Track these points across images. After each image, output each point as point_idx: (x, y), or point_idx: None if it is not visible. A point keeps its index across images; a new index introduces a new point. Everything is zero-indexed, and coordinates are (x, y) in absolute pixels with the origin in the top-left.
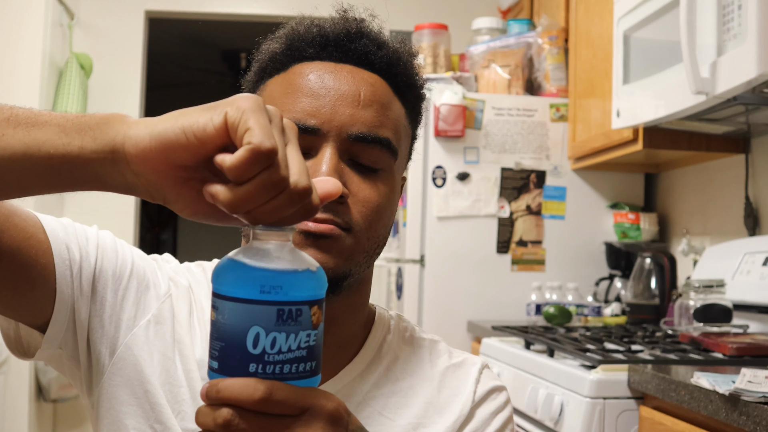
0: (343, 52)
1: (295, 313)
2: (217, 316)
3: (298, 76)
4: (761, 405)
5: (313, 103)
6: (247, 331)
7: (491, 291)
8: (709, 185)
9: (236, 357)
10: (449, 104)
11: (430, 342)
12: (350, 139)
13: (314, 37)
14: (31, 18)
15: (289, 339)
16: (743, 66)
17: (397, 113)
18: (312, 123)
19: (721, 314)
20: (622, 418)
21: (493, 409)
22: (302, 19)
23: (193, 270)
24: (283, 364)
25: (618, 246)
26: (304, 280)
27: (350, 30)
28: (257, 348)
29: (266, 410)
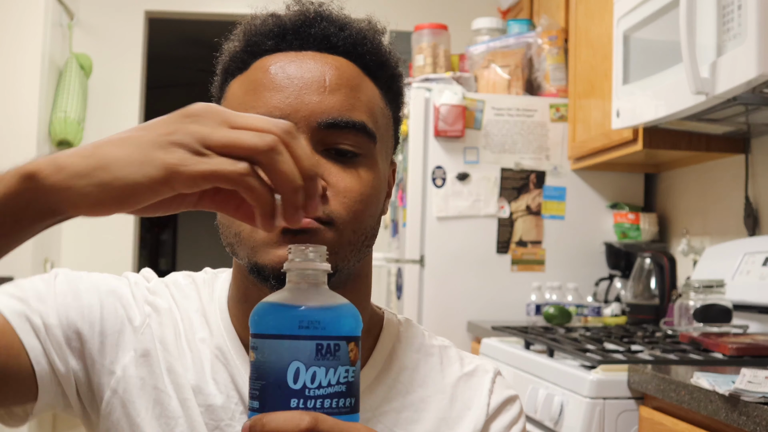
0: (302, 38)
1: (333, 348)
2: (256, 355)
3: (259, 71)
4: (761, 405)
5: (276, 96)
6: (287, 366)
7: (491, 291)
8: (709, 185)
9: (277, 393)
10: (449, 104)
11: (440, 349)
12: (321, 127)
13: (271, 28)
14: (31, 18)
15: (329, 374)
16: (743, 66)
17: (370, 94)
18: (278, 115)
19: (720, 314)
20: (621, 418)
21: (507, 423)
22: (258, 12)
23: (180, 283)
24: (323, 399)
25: (618, 246)
26: (341, 317)
27: (308, 15)
28: (298, 383)
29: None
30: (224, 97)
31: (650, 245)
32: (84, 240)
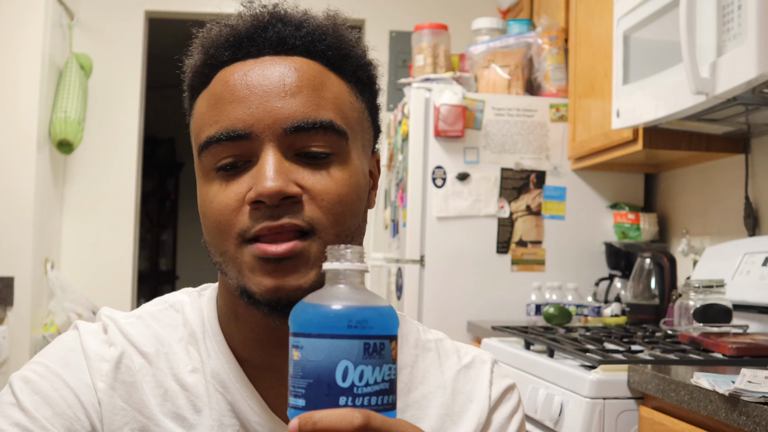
0: (258, 44)
1: (379, 346)
2: (301, 355)
3: (219, 84)
4: (761, 405)
5: (238, 108)
6: (336, 365)
7: (491, 291)
8: (709, 185)
9: (325, 392)
10: (449, 104)
11: (435, 342)
12: (287, 133)
13: (227, 38)
14: (31, 18)
15: (375, 372)
16: (743, 66)
17: (335, 91)
18: (241, 127)
19: (720, 314)
20: (621, 418)
21: (509, 412)
22: (213, 23)
23: (155, 314)
24: (370, 396)
25: (618, 246)
26: (385, 316)
27: (261, 19)
28: (346, 381)
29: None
30: (192, 115)
31: (650, 245)
32: (84, 240)
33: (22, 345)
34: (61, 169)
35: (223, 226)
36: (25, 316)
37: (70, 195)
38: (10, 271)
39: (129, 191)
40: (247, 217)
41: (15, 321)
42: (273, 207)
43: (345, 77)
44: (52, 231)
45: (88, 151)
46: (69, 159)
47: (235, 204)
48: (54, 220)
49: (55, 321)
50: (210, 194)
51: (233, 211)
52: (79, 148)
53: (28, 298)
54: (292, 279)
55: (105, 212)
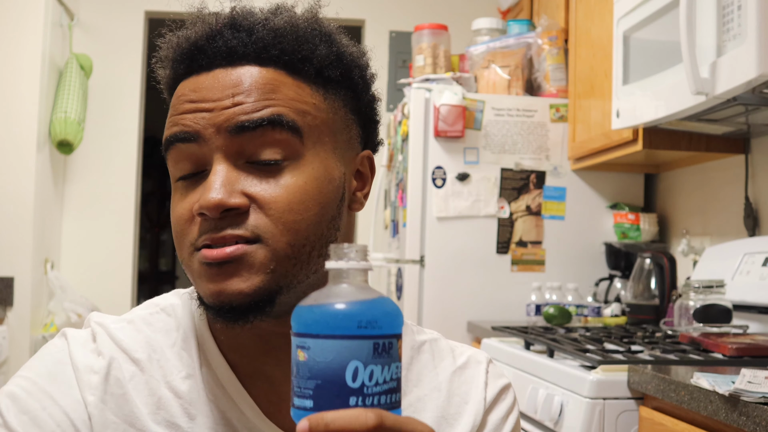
0: (209, 56)
1: (387, 345)
2: (308, 355)
3: (175, 98)
4: (761, 405)
5: (187, 117)
6: (345, 366)
7: (491, 291)
8: (709, 186)
9: (335, 392)
10: (449, 104)
11: (430, 343)
12: (233, 134)
13: (183, 51)
14: (31, 18)
15: (384, 371)
16: (743, 66)
17: (291, 94)
18: (189, 131)
19: (720, 315)
20: (621, 418)
21: (504, 412)
22: (171, 33)
23: (146, 318)
24: (380, 396)
25: (618, 246)
26: (393, 315)
27: (213, 28)
28: (356, 382)
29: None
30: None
31: (650, 245)
32: (84, 240)
33: (22, 345)
34: (61, 169)
35: (179, 235)
36: (25, 316)
37: (70, 195)
38: (10, 271)
39: (129, 191)
40: (197, 228)
41: (15, 321)
42: (217, 219)
43: (306, 79)
44: (52, 231)
45: (88, 151)
46: (69, 159)
47: (188, 215)
48: (54, 220)
49: (55, 321)
50: (173, 203)
51: (186, 222)
52: (79, 148)
53: (28, 298)
54: (233, 283)
55: (105, 212)
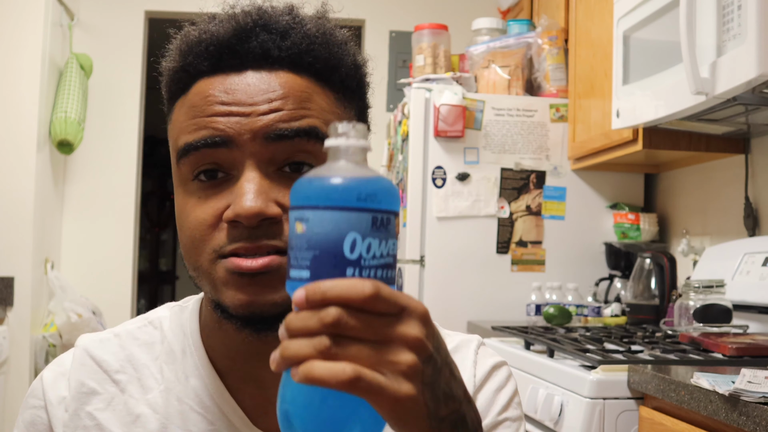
0: (240, 57)
1: (385, 220)
2: (307, 227)
3: (198, 96)
4: (761, 405)
5: (219, 120)
6: (344, 237)
7: (491, 291)
8: (709, 185)
9: (332, 263)
10: (449, 104)
11: None
12: (268, 142)
13: (206, 47)
14: (31, 18)
15: (381, 245)
16: (743, 66)
17: (322, 104)
18: (221, 135)
19: (720, 314)
20: (621, 418)
21: (494, 388)
22: (192, 25)
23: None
24: (376, 269)
25: (618, 246)
26: (391, 192)
27: (245, 27)
28: (354, 253)
29: (373, 307)
30: (170, 120)
31: (650, 245)
32: (84, 240)
33: (22, 345)
34: (61, 169)
35: (197, 241)
36: (25, 317)
37: (70, 195)
38: (10, 271)
39: (129, 191)
40: (224, 235)
41: (15, 321)
42: (252, 228)
43: (333, 88)
44: (52, 231)
45: (88, 151)
46: (69, 159)
47: (212, 220)
48: (54, 220)
49: (55, 321)
50: (187, 207)
51: (209, 227)
52: (79, 148)
53: (28, 298)
54: (267, 294)
55: (105, 212)
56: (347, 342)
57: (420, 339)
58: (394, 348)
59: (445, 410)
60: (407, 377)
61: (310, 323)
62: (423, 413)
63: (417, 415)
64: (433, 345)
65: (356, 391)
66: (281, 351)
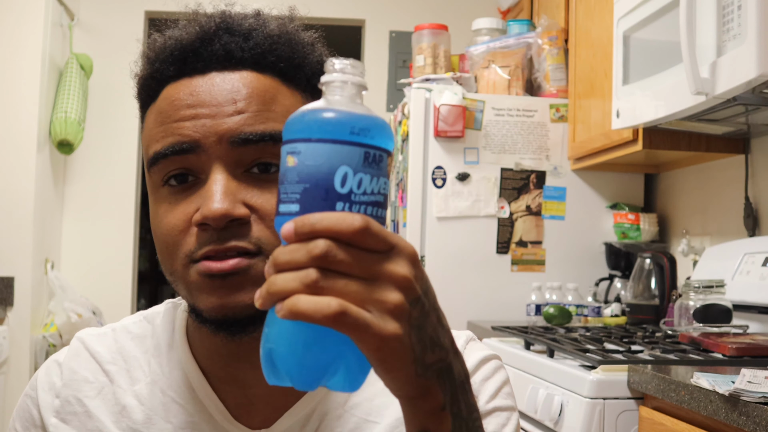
0: (204, 60)
1: (378, 157)
2: (298, 160)
3: (165, 102)
4: (761, 405)
5: (185, 125)
6: (335, 171)
7: (491, 291)
8: (709, 186)
9: (322, 196)
10: (449, 105)
11: None
12: (234, 146)
13: (171, 51)
14: (31, 18)
15: (372, 182)
16: (743, 66)
17: (287, 104)
18: (189, 141)
19: (720, 315)
20: (622, 418)
21: (481, 378)
22: (158, 33)
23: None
24: (367, 206)
25: (618, 246)
26: (385, 130)
27: (208, 30)
28: (345, 187)
29: (362, 242)
30: (143, 128)
31: (650, 245)
32: (84, 240)
33: (22, 345)
34: (61, 169)
35: (171, 246)
36: (25, 316)
37: (70, 195)
38: (10, 271)
39: (129, 191)
40: (194, 239)
41: (15, 321)
42: (220, 229)
43: (298, 88)
44: (52, 231)
45: (88, 151)
46: (69, 159)
47: (183, 225)
48: (54, 220)
49: (55, 321)
50: (159, 213)
51: (181, 232)
52: (79, 148)
53: (28, 298)
54: (237, 296)
55: (105, 212)
56: (335, 276)
57: (408, 278)
58: (381, 286)
59: (431, 357)
60: (394, 316)
61: (298, 256)
62: (408, 357)
63: (402, 358)
64: (422, 287)
65: (341, 326)
66: (267, 286)
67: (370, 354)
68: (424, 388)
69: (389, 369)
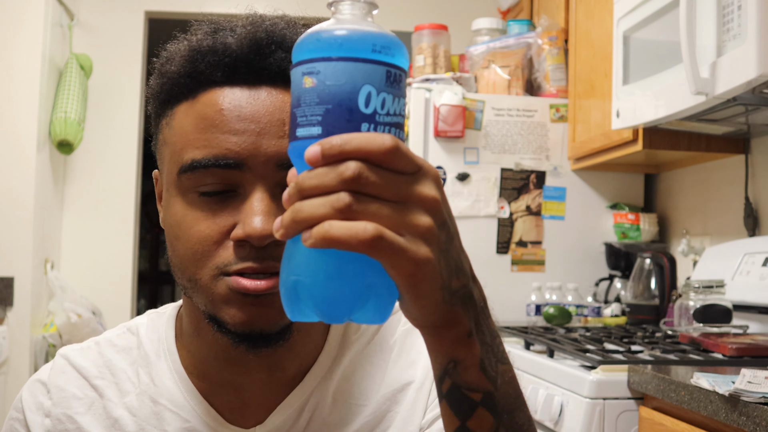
0: (255, 72)
1: (398, 77)
2: (317, 80)
3: (210, 107)
4: (761, 405)
5: (232, 139)
6: (359, 90)
7: (491, 291)
8: (709, 186)
9: (346, 117)
10: (449, 105)
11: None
12: (280, 169)
13: (220, 58)
14: (31, 18)
15: (395, 102)
16: (743, 66)
17: None
18: (234, 158)
19: (720, 315)
20: (622, 418)
21: None
22: (205, 33)
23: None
24: (390, 126)
25: (618, 246)
26: (403, 48)
27: (260, 42)
28: (369, 107)
29: (392, 163)
30: (169, 124)
31: (650, 245)
32: (84, 240)
33: (22, 345)
34: (61, 169)
35: (200, 255)
36: (25, 317)
37: (70, 195)
38: (10, 271)
39: (129, 191)
40: (231, 253)
41: (15, 321)
42: (259, 248)
43: None
44: (52, 231)
45: (88, 151)
46: (69, 159)
47: (218, 237)
48: (54, 220)
49: (55, 321)
50: (188, 219)
51: (215, 243)
52: (79, 148)
53: (28, 298)
54: (269, 314)
55: (105, 212)
56: (367, 200)
57: (437, 200)
58: (412, 208)
59: (456, 283)
60: (425, 240)
61: (327, 179)
62: (438, 282)
63: (432, 283)
64: (446, 210)
65: (377, 252)
66: (293, 215)
67: (402, 280)
68: (451, 315)
69: (420, 295)
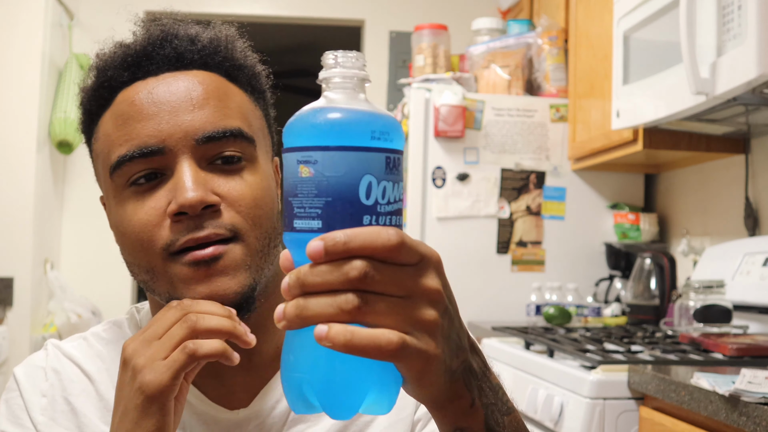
0: (156, 62)
1: (397, 161)
2: (315, 170)
3: (124, 104)
4: (761, 405)
5: (148, 125)
6: (359, 181)
7: (491, 291)
8: (709, 186)
9: (348, 210)
10: (449, 105)
11: None
12: (199, 144)
13: (123, 58)
14: (31, 18)
15: (394, 189)
16: (743, 66)
17: (238, 100)
18: (154, 143)
19: (720, 315)
20: (622, 418)
21: None
22: (111, 46)
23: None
24: (391, 216)
25: (618, 246)
26: (400, 128)
27: (155, 36)
28: (370, 199)
29: (397, 258)
30: (96, 137)
31: (650, 245)
32: (84, 240)
33: (22, 345)
34: (61, 169)
35: (146, 242)
36: (25, 317)
37: (70, 195)
38: (10, 271)
39: None
40: (169, 231)
41: (15, 321)
42: (195, 217)
43: (242, 87)
44: (52, 231)
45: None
46: (69, 159)
47: (156, 219)
48: (54, 220)
49: (55, 321)
50: (126, 213)
51: (155, 227)
52: (79, 148)
53: (28, 298)
54: (223, 283)
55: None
56: (374, 300)
57: (440, 292)
58: (417, 303)
59: (456, 362)
60: (431, 334)
61: (332, 278)
62: (441, 369)
63: (438, 372)
64: (447, 295)
65: (399, 359)
66: (298, 311)
67: (411, 374)
68: (453, 390)
69: (425, 385)
